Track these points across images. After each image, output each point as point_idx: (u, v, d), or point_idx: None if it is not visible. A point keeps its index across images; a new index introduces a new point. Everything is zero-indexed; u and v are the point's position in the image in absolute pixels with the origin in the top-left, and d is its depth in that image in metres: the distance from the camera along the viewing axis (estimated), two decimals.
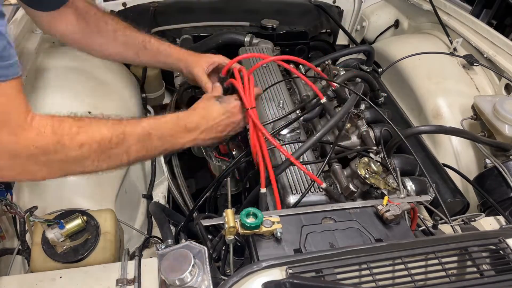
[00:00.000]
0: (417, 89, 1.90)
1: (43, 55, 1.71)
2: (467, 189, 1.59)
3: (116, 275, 1.00)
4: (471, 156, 1.69)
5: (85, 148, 0.91)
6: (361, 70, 1.93)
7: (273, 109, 1.49)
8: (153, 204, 1.31)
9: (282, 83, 1.60)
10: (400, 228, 1.06)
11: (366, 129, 1.49)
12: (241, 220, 0.96)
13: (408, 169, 1.43)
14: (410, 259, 0.88)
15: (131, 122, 1.03)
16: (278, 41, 2.00)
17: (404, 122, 1.82)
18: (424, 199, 1.18)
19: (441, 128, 1.48)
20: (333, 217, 1.08)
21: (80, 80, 1.66)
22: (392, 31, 2.61)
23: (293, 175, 1.25)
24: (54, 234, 1.08)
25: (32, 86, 1.54)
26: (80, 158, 0.91)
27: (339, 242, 1.01)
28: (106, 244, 1.13)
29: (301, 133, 1.39)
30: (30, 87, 1.53)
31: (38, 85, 1.55)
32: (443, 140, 1.75)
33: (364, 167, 1.29)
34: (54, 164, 0.89)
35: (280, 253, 0.97)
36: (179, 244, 1.01)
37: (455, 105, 1.79)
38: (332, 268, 0.84)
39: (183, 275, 0.89)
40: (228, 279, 0.83)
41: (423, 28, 2.34)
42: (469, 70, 1.94)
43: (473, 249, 0.91)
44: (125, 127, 1.00)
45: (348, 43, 2.70)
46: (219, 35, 1.96)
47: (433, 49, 1.96)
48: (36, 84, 1.55)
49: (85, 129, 0.91)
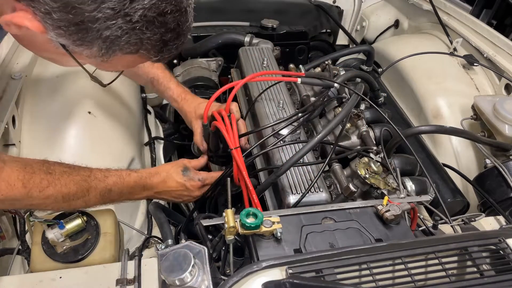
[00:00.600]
0: (417, 89, 1.89)
1: None
2: (467, 189, 1.59)
3: (116, 275, 1.00)
4: (471, 156, 1.69)
5: (50, 199, 1.02)
6: (361, 70, 1.94)
7: (273, 109, 1.49)
8: (153, 204, 1.31)
9: (282, 83, 1.60)
10: (400, 228, 1.06)
11: (366, 129, 1.49)
12: (241, 220, 0.96)
13: (408, 169, 1.43)
14: (410, 259, 0.88)
15: (98, 177, 1.13)
16: (278, 41, 2.00)
17: (404, 122, 1.82)
18: (424, 199, 1.18)
19: (441, 128, 1.48)
20: (333, 217, 1.08)
21: (79, 79, 1.65)
22: (392, 31, 2.61)
23: (293, 176, 1.25)
24: (54, 234, 1.08)
25: (33, 85, 1.53)
26: (43, 205, 1.04)
27: (339, 242, 1.01)
28: (106, 244, 1.12)
29: (301, 133, 1.39)
30: (31, 86, 1.53)
31: (39, 84, 1.55)
32: (443, 140, 1.74)
33: (364, 167, 1.29)
34: (17, 204, 1.01)
35: (280, 253, 0.97)
36: (179, 244, 1.01)
37: (455, 105, 1.79)
38: (332, 268, 0.84)
39: (183, 275, 0.89)
40: (228, 279, 0.82)
41: (423, 28, 2.34)
42: (469, 70, 1.94)
43: (473, 249, 0.91)
44: (90, 183, 1.10)
45: (348, 43, 2.70)
46: (219, 35, 1.96)
47: (433, 49, 1.96)
48: (37, 83, 1.55)
49: (54, 184, 1.01)
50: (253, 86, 1.60)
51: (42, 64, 1.65)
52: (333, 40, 2.63)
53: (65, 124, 1.49)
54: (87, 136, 1.50)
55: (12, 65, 1.50)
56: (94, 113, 1.55)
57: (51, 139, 1.45)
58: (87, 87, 1.64)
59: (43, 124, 1.47)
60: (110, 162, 1.51)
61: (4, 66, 1.44)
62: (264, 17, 2.14)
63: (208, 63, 1.96)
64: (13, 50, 1.53)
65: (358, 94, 1.30)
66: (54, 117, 1.50)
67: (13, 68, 1.50)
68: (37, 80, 1.57)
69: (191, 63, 1.91)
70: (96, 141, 1.52)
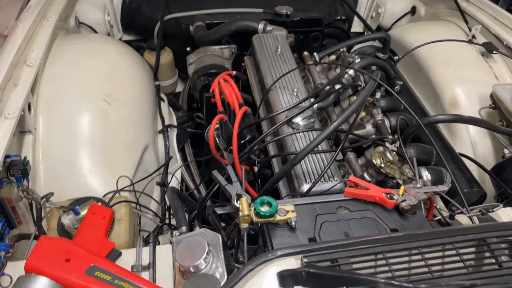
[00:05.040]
0: (434, 77, 1.86)
1: (57, 41, 1.71)
2: (483, 179, 1.56)
3: (131, 261, 1.01)
4: (489, 146, 1.66)
5: None
6: (376, 57, 1.90)
7: (287, 97, 1.47)
8: (170, 189, 1.31)
9: (296, 71, 1.59)
10: (416, 218, 1.05)
11: (382, 118, 1.47)
12: (256, 208, 0.95)
13: (424, 159, 1.41)
14: (427, 249, 0.86)
15: None
16: (292, 28, 1.97)
17: (420, 110, 1.79)
18: (441, 189, 1.17)
19: (459, 117, 1.45)
20: (348, 206, 1.06)
21: (94, 67, 1.66)
22: (409, 18, 2.55)
23: (308, 164, 1.24)
24: (69, 220, 1.09)
25: (48, 73, 1.54)
26: None
27: (354, 232, 1.00)
28: (121, 230, 1.13)
29: (315, 121, 1.38)
30: (46, 74, 1.53)
31: (54, 71, 1.56)
32: (460, 129, 1.72)
33: (379, 156, 1.27)
34: None
35: (294, 242, 0.97)
36: (194, 231, 1.01)
37: (473, 93, 1.76)
38: (347, 257, 0.83)
39: (198, 262, 0.89)
40: (243, 267, 0.82)
41: (441, 15, 2.29)
42: (488, 58, 1.89)
43: (492, 240, 0.90)
44: None
45: (363, 30, 2.66)
46: (232, 22, 1.94)
47: (451, 36, 1.92)
48: (52, 71, 1.55)
49: None
50: (267, 74, 1.59)
51: (57, 51, 1.65)
52: (348, 27, 2.58)
53: (79, 111, 1.50)
54: (101, 123, 1.51)
55: (27, 52, 1.51)
56: (108, 100, 1.55)
57: (66, 126, 1.46)
58: (102, 74, 1.65)
59: (58, 111, 1.48)
60: (124, 149, 1.52)
61: (20, 53, 1.44)
62: (278, 3, 2.11)
63: (222, 50, 1.94)
64: (27, 38, 1.54)
65: (376, 80, 1.28)
66: (69, 104, 1.50)
67: (29, 55, 1.50)
68: (52, 67, 1.57)
69: (204, 51, 1.90)
70: (111, 128, 1.52)
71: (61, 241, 0.94)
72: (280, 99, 1.46)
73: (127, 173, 1.45)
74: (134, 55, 1.93)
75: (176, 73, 2.31)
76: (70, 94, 1.53)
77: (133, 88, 1.75)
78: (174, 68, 2.29)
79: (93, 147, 1.45)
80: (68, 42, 1.77)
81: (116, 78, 1.69)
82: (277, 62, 1.64)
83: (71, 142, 1.44)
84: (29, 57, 1.50)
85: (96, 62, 1.69)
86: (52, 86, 1.52)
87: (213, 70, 1.77)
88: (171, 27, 2.14)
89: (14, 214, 1.09)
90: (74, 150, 1.43)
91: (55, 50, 1.65)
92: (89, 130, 1.48)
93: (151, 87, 1.94)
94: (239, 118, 1.35)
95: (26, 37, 1.53)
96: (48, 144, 1.41)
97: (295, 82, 1.54)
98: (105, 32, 2.26)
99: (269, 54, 1.68)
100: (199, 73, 1.77)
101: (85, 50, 1.74)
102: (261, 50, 1.71)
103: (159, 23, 2.09)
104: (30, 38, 1.57)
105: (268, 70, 1.60)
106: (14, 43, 1.46)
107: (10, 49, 1.43)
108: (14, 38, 1.49)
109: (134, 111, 1.67)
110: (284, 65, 1.63)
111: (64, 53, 1.66)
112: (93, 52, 1.74)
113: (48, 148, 1.41)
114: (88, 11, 2.19)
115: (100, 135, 1.49)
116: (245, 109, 1.40)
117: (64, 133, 1.45)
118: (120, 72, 1.74)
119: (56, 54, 1.63)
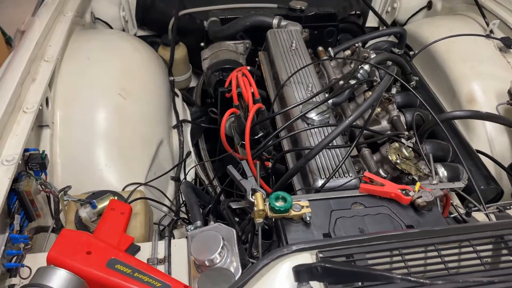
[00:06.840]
0: (451, 73, 1.83)
1: (74, 37, 1.73)
2: (500, 176, 1.54)
3: (147, 254, 1.02)
4: (506, 143, 1.64)
5: None
6: (392, 53, 1.88)
7: (302, 92, 1.47)
8: (185, 183, 1.32)
9: (311, 66, 1.58)
10: (432, 215, 1.04)
11: (397, 114, 1.45)
12: (270, 203, 0.95)
13: (440, 155, 1.39)
14: (443, 246, 0.86)
15: None
16: (306, 23, 1.96)
17: (437, 106, 1.77)
18: (458, 185, 1.15)
19: (477, 113, 1.43)
20: (363, 202, 1.06)
21: (110, 63, 1.67)
22: (425, 13, 2.52)
23: (322, 160, 1.24)
24: (86, 213, 1.10)
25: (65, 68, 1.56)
26: None
27: (369, 228, 0.99)
28: (137, 224, 1.15)
29: (330, 117, 1.37)
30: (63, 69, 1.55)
31: (71, 67, 1.58)
32: (476, 125, 1.69)
33: (395, 153, 1.26)
34: None
35: (309, 237, 0.97)
36: (209, 226, 1.02)
37: (490, 89, 1.73)
38: (363, 253, 0.83)
39: (213, 256, 0.90)
40: (258, 261, 0.83)
41: (458, 10, 2.25)
42: (506, 53, 1.86)
43: (509, 237, 0.88)
44: None
45: (378, 25, 2.63)
46: (246, 17, 1.94)
47: (468, 31, 1.89)
48: (69, 66, 1.57)
49: None
50: (281, 69, 1.59)
51: (74, 46, 1.67)
52: (363, 22, 2.56)
53: (95, 105, 1.52)
54: (117, 117, 1.52)
55: (45, 48, 1.53)
56: (124, 95, 1.56)
57: (82, 120, 1.47)
58: (117, 69, 1.67)
59: (75, 106, 1.50)
60: (140, 143, 1.54)
61: (37, 49, 1.46)
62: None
63: (236, 46, 1.94)
64: (45, 33, 1.56)
65: (392, 75, 1.27)
66: (85, 99, 1.52)
67: (46, 50, 1.52)
68: (68, 62, 1.59)
69: (219, 46, 1.90)
70: (126, 122, 1.54)
71: (83, 234, 0.96)
72: (295, 94, 1.46)
73: (142, 168, 1.47)
74: (149, 51, 1.94)
75: (190, 68, 2.31)
76: (86, 89, 1.55)
77: (148, 83, 1.76)
78: (188, 64, 2.29)
79: (109, 142, 1.47)
80: (84, 37, 1.79)
81: (131, 73, 1.70)
82: (291, 57, 1.64)
83: (88, 136, 1.46)
84: (47, 52, 1.52)
85: (112, 58, 1.70)
86: (69, 81, 1.54)
87: (228, 65, 1.77)
88: (185, 23, 2.15)
89: (32, 207, 1.10)
90: (91, 144, 1.45)
91: (71, 46, 1.67)
92: (105, 124, 1.49)
93: (166, 82, 1.95)
94: (252, 113, 1.35)
95: (44, 32, 1.55)
96: (65, 138, 1.43)
97: (309, 77, 1.53)
98: (120, 28, 2.27)
99: (283, 49, 1.68)
100: (213, 68, 1.77)
101: (101, 45, 1.76)
102: (275, 45, 1.70)
103: (174, 18, 2.09)
104: (48, 34, 1.59)
105: (283, 65, 1.59)
106: (32, 38, 1.48)
107: (28, 44, 1.45)
108: (32, 33, 1.51)
109: (149, 106, 1.68)
110: (299, 60, 1.62)
111: (80, 49, 1.68)
112: (109, 48, 1.76)
113: (65, 142, 1.43)
114: (104, 6, 2.21)
115: (116, 129, 1.50)
116: (258, 105, 1.40)
117: (80, 127, 1.47)
118: (136, 67, 1.75)
119: (72, 50, 1.65)
